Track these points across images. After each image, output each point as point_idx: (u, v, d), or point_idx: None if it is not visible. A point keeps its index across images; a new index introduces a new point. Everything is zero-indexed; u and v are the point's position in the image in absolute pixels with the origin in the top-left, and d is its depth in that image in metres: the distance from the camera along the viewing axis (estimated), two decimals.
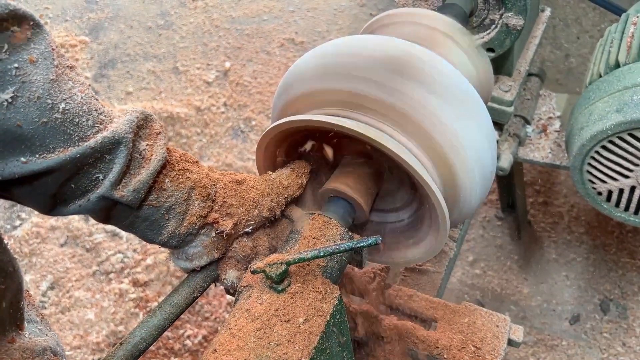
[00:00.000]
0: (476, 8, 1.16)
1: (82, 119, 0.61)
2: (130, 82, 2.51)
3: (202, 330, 1.86)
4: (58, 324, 1.90)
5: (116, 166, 0.64)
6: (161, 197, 0.70)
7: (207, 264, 0.78)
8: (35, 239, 2.06)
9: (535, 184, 2.07)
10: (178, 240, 0.74)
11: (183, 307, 0.78)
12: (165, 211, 0.71)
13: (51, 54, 0.58)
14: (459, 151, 0.78)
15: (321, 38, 2.60)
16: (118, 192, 0.65)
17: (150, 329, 0.74)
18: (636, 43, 1.16)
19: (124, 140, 0.64)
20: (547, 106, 1.51)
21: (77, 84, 0.61)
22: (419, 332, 0.93)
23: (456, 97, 0.79)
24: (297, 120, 0.77)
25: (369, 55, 0.80)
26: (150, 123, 0.69)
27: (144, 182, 0.67)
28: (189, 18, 2.71)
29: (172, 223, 0.72)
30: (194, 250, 0.76)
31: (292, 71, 0.87)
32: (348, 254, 0.80)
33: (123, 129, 0.64)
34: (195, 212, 0.73)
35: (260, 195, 0.79)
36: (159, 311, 0.76)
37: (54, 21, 2.71)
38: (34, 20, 0.56)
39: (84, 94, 0.62)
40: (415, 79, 0.77)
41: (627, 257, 1.90)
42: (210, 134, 2.34)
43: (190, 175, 0.73)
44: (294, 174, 0.84)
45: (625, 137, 1.10)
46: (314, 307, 0.69)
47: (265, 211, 0.79)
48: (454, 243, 1.16)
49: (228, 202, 0.76)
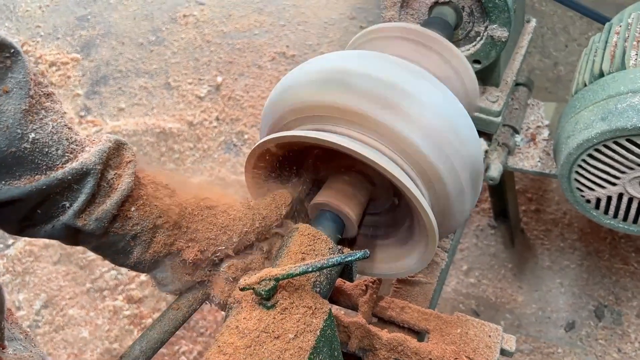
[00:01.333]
0: (461, 21, 1.18)
1: (51, 148, 0.61)
2: (122, 98, 2.52)
3: (198, 346, 1.86)
4: (52, 342, 1.88)
5: (82, 196, 0.64)
6: (126, 226, 0.70)
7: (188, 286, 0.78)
8: (28, 257, 2.05)
9: (528, 192, 2.08)
10: (144, 266, 0.74)
11: (182, 321, 0.79)
12: (131, 238, 0.71)
13: (27, 83, 0.58)
14: (446, 162, 0.79)
15: (312, 51, 2.62)
16: (80, 221, 0.65)
17: (151, 342, 0.75)
18: (619, 52, 1.18)
19: (92, 172, 0.64)
20: (535, 115, 1.53)
21: (50, 112, 0.62)
22: (411, 344, 0.93)
23: (441, 117, 0.80)
24: (283, 136, 0.78)
25: (357, 72, 0.81)
26: (122, 152, 0.70)
27: (107, 212, 0.67)
28: (180, 34, 2.72)
29: (137, 250, 0.72)
30: (162, 275, 0.76)
31: (280, 87, 0.88)
32: (338, 268, 0.80)
33: (92, 160, 0.64)
34: (161, 240, 0.73)
35: (231, 220, 0.78)
36: (158, 324, 0.77)
37: (45, 39, 2.72)
38: (14, 48, 0.56)
39: (56, 123, 0.62)
40: (401, 106, 0.78)
41: (620, 263, 1.91)
42: (203, 149, 2.35)
43: (158, 202, 0.73)
44: (273, 205, 0.83)
45: (611, 145, 1.11)
46: (303, 323, 0.69)
47: (236, 236, 0.78)
48: (445, 253, 1.17)
49: (193, 228, 0.75)
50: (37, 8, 2.86)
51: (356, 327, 0.91)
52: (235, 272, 0.79)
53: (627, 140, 1.09)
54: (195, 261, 0.76)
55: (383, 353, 0.92)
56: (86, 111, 2.49)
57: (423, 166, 0.79)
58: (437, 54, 0.99)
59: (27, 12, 2.84)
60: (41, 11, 2.85)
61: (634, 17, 1.24)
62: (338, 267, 0.79)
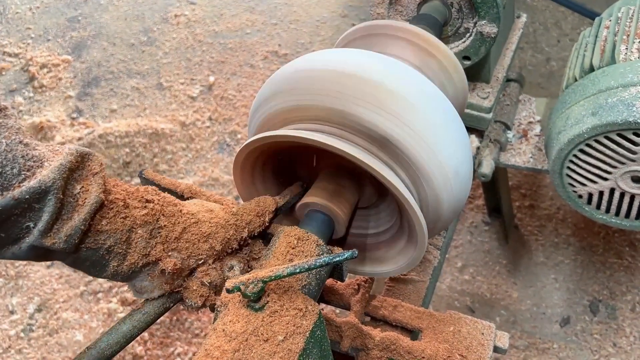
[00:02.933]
0: (450, 17, 1.18)
1: (5, 168, 0.59)
2: (114, 99, 2.51)
3: (193, 347, 1.85)
4: (46, 346, 1.87)
5: (45, 215, 0.61)
6: (99, 240, 0.68)
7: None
8: (21, 261, 2.04)
9: (521, 188, 2.08)
10: (122, 277, 0.73)
11: (154, 318, 0.78)
12: (105, 252, 0.69)
13: None
14: (433, 158, 0.79)
15: (304, 50, 2.61)
16: (49, 240, 0.63)
17: (118, 335, 0.74)
18: (609, 46, 1.18)
19: (52, 189, 0.61)
20: (527, 111, 1.52)
21: (3, 129, 0.59)
22: (404, 343, 0.93)
23: (429, 108, 0.79)
24: (269, 136, 0.77)
25: (346, 72, 0.80)
26: (88, 163, 0.67)
27: (76, 228, 0.64)
28: (172, 34, 2.71)
29: (113, 262, 0.70)
30: (142, 284, 0.75)
31: (266, 87, 0.88)
32: (327, 268, 0.80)
33: (51, 177, 0.61)
34: (137, 251, 0.71)
35: (212, 228, 0.76)
36: (129, 319, 0.76)
37: (36, 41, 2.70)
38: None
39: (10, 140, 0.60)
40: (389, 104, 0.77)
41: (614, 258, 1.91)
42: (196, 149, 2.34)
43: (132, 212, 0.70)
44: (257, 210, 0.81)
45: (602, 140, 1.11)
46: (293, 324, 0.68)
47: (218, 245, 0.77)
48: (438, 251, 1.16)
49: (173, 236, 0.74)
50: (27, 10, 2.84)
51: (348, 327, 0.91)
52: (212, 277, 0.78)
53: (618, 134, 1.09)
54: (175, 271, 0.74)
55: (376, 352, 0.91)
56: (78, 113, 2.47)
57: (409, 162, 0.78)
58: (425, 52, 0.99)
59: (17, 14, 2.82)
60: (31, 13, 2.83)
61: (623, 12, 1.24)
62: (327, 267, 0.79)
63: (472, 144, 1.36)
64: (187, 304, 0.79)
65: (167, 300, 0.78)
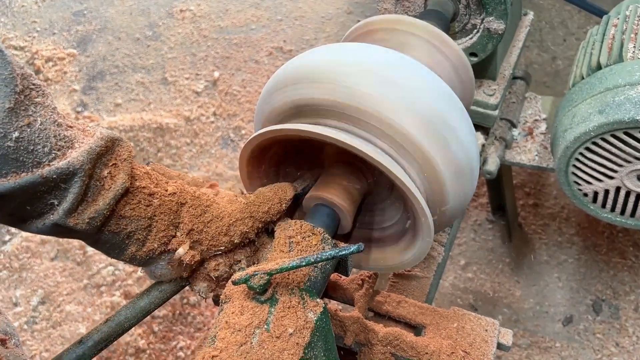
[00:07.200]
0: (457, 13, 1.17)
1: (37, 145, 0.60)
2: (119, 93, 2.51)
3: (195, 341, 1.85)
4: (49, 339, 1.88)
5: (70, 195, 0.63)
6: (120, 224, 0.69)
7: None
8: (25, 254, 2.05)
9: (526, 186, 2.08)
10: (139, 261, 0.74)
11: (169, 295, 0.81)
12: (126, 236, 0.70)
13: (13, 80, 0.57)
14: (441, 153, 0.78)
15: (309, 46, 2.61)
16: (72, 220, 0.64)
17: (136, 310, 0.78)
18: (617, 45, 1.17)
19: (79, 171, 0.62)
20: (532, 109, 1.52)
21: (39, 107, 0.60)
22: (408, 339, 0.93)
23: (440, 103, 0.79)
24: (277, 129, 0.77)
25: (352, 64, 0.80)
26: (117, 148, 0.68)
27: (99, 212, 0.65)
28: (177, 29, 2.71)
29: (132, 247, 0.72)
30: (161, 272, 0.76)
31: (273, 80, 0.87)
32: (333, 262, 0.80)
33: (80, 160, 0.62)
34: (157, 239, 0.73)
35: (232, 220, 0.77)
36: (146, 295, 0.79)
37: (41, 34, 2.71)
38: None
39: (45, 119, 0.61)
40: (397, 93, 0.77)
41: (618, 257, 1.91)
42: (200, 144, 2.34)
43: (154, 200, 0.71)
44: (275, 198, 0.81)
45: (608, 138, 1.10)
46: (298, 318, 0.68)
47: (237, 237, 0.78)
48: (442, 247, 1.16)
49: (195, 228, 0.75)
50: (33, 3, 2.84)
51: (352, 322, 0.91)
52: (218, 270, 0.78)
53: (625, 133, 1.09)
54: (194, 263, 0.76)
55: (379, 347, 0.91)
56: (83, 107, 2.47)
57: (415, 155, 0.78)
58: (433, 46, 0.98)
59: (23, 8, 2.82)
60: (37, 6, 2.83)
61: (631, 10, 1.23)
62: (332, 261, 0.79)
63: (478, 141, 1.36)
64: (195, 290, 0.80)
65: (181, 280, 0.80)
